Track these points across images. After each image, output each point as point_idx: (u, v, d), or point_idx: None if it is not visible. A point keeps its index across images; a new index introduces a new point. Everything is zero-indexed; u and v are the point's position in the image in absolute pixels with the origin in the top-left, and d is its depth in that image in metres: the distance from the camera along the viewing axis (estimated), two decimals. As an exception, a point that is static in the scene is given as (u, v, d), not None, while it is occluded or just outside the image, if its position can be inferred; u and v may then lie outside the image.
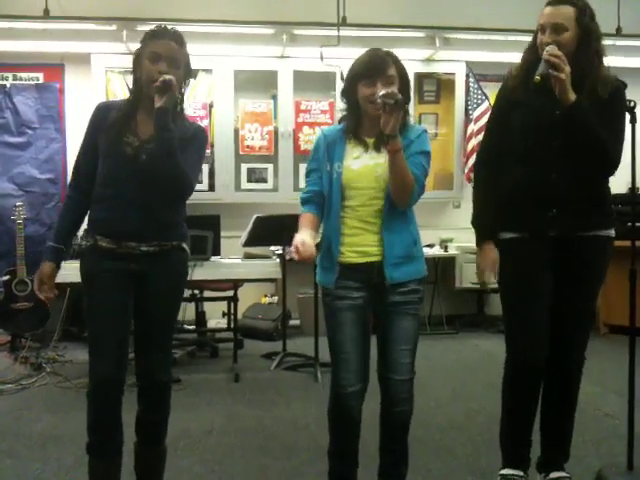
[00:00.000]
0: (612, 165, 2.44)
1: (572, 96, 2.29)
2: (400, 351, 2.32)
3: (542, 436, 2.61)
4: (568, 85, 2.27)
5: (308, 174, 2.43)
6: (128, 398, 2.33)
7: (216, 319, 5.84)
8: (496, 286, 2.60)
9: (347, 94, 2.36)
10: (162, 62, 2.23)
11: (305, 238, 2.20)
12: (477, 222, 2.57)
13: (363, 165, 2.31)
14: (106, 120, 2.28)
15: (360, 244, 2.31)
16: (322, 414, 2.42)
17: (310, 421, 2.55)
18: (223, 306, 5.44)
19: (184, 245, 2.38)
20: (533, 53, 2.46)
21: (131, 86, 2.36)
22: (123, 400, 2.31)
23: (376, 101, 2.19)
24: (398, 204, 2.28)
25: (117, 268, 2.25)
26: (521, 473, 2.53)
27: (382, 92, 2.17)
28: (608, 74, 2.41)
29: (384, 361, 2.35)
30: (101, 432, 2.29)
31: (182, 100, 2.37)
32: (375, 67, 2.27)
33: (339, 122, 2.46)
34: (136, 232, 2.26)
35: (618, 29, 5.69)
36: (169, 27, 2.32)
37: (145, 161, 2.23)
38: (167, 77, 2.18)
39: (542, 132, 2.41)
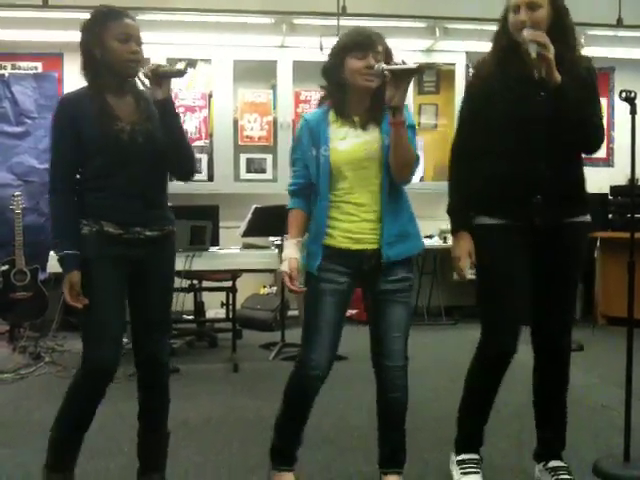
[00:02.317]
0: (599, 141, 2.44)
1: (558, 77, 2.26)
2: (393, 338, 2.34)
3: (538, 426, 2.62)
4: (554, 65, 2.25)
5: (293, 163, 2.40)
6: (124, 389, 2.33)
7: (215, 309, 5.85)
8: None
9: (332, 70, 2.31)
10: (132, 42, 2.22)
11: (292, 266, 2.25)
12: (453, 211, 2.55)
13: (351, 145, 2.28)
14: (82, 113, 2.22)
15: (355, 231, 2.30)
16: (320, 404, 2.43)
17: (311, 411, 2.58)
18: (222, 296, 5.44)
19: (174, 229, 2.42)
20: (504, 38, 2.43)
21: (87, 69, 2.28)
22: (115, 391, 2.33)
23: (369, 70, 2.18)
24: (399, 180, 2.28)
25: (120, 254, 2.26)
26: (477, 456, 2.57)
27: (393, 62, 2.16)
28: (581, 54, 2.45)
29: (378, 349, 2.36)
30: (82, 422, 2.33)
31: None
32: (367, 40, 2.24)
33: (319, 104, 2.42)
34: (142, 217, 2.28)
35: (619, 20, 5.67)
36: (117, 6, 2.32)
37: (142, 144, 2.24)
38: (181, 67, 2.21)
39: (525, 121, 2.39)
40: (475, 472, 2.54)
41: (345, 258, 2.30)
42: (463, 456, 2.58)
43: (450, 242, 2.61)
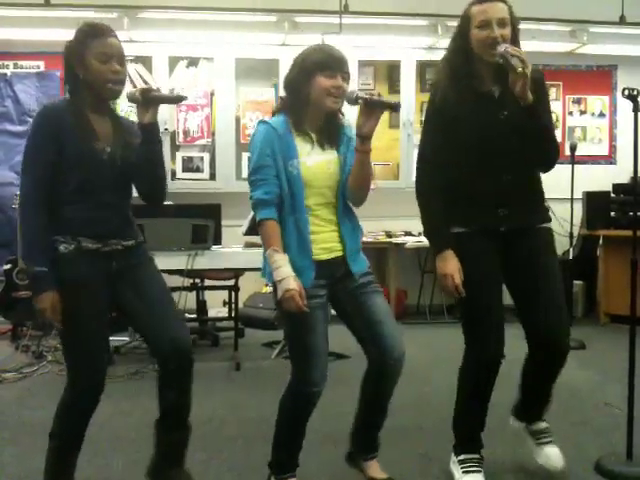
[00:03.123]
0: (557, 156, 2.48)
1: (530, 95, 2.29)
2: (389, 324, 2.36)
3: (522, 395, 2.64)
4: (529, 83, 2.28)
5: (261, 169, 2.25)
6: (125, 388, 2.33)
7: (217, 308, 5.84)
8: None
9: (297, 84, 2.29)
10: (113, 61, 2.20)
11: (299, 284, 2.17)
12: (434, 233, 2.52)
13: (316, 162, 2.30)
14: (63, 127, 2.19)
15: (325, 241, 2.32)
16: (323, 403, 2.42)
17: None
18: (224, 295, 5.44)
19: (143, 240, 2.44)
20: (461, 56, 2.44)
21: (69, 85, 2.31)
22: (116, 390, 2.32)
23: (342, 94, 2.22)
24: (355, 202, 2.36)
25: (101, 270, 2.24)
26: (478, 455, 2.58)
27: (371, 94, 2.18)
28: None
29: (373, 346, 2.34)
30: (70, 437, 2.32)
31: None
32: (338, 60, 2.26)
33: (273, 114, 2.40)
34: (118, 230, 2.29)
35: (622, 18, 5.66)
36: (100, 23, 2.29)
37: (119, 167, 2.27)
38: (158, 90, 2.26)
39: (489, 140, 2.42)
40: (477, 471, 2.54)
41: (322, 270, 2.30)
42: (464, 456, 2.58)
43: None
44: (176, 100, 2.37)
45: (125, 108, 4.97)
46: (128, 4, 5.40)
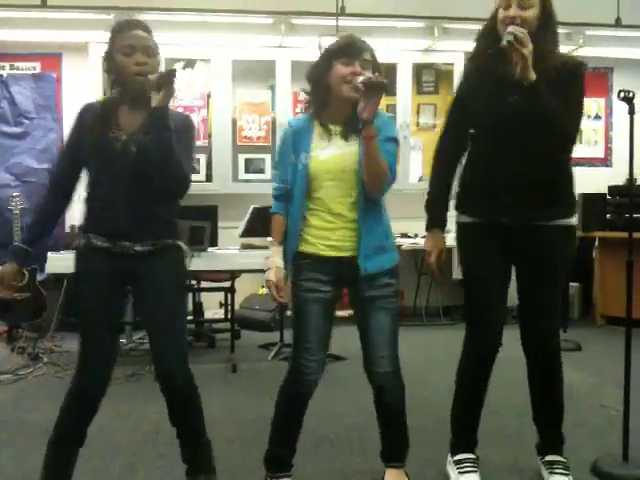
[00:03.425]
0: (569, 139, 2.42)
1: (533, 75, 2.27)
2: (378, 345, 2.35)
3: (534, 422, 2.64)
4: (530, 63, 2.26)
5: (276, 167, 2.44)
6: (124, 389, 2.33)
7: (213, 310, 5.85)
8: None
9: (318, 74, 2.31)
10: (137, 53, 2.20)
11: (279, 276, 2.31)
12: (430, 208, 2.62)
13: (331, 155, 2.28)
14: (85, 120, 2.26)
15: (333, 238, 2.31)
16: (319, 404, 2.43)
17: (309, 411, 2.57)
18: (220, 297, 5.44)
19: (179, 243, 2.33)
20: (490, 37, 2.44)
21: (108, 85, 2.34)
22: (115, 392, 2.31)
23: (354, 81, 2.17)
24: (371, 193, 2.27)
25: (112, 268, 2.22)
26: (474, 456, 2.60)
27: (367, 75, 2.15)
28: (565, 55, 2.45)
29: (365, 355, 2.39)
30: (69, 429, 2.32)
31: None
32: (355, 47, 2.25)
33: (304, 110, 2.43)
34: (129, 232, 2.22)
35: (617, 20, 5.67)
36: (133, 18, 2.30)
37: (135, 154, 2.19)
38: (172, 74, 2.13)
39: (498, 121, 2.41)
40: (472, 471, 2.55)
41: (324, 265, 2.31)
42: (460, 456, 2.59)
43: (448, 242, 2.64)
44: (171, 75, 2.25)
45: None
46: (124, 6, 5.40)
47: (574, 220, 2.53)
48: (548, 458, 2.58)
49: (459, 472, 2.55)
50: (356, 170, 2.27)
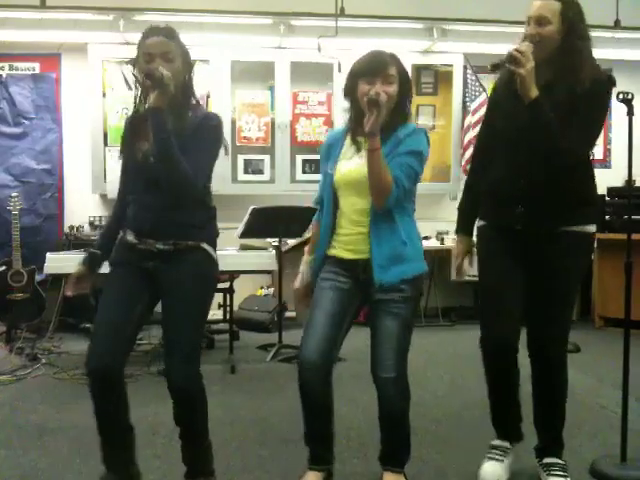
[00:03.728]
0: (568, 155, 2.41)
1: (533, 93, 2.30)
2: (384, 350, 2.34)
3: (534, 425, 2.65)
4: (529, 81, 2.29)
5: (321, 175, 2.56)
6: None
7: (212, 311, 5.82)
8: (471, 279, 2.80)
9: (348, 91, 2.38)
10: (156, 60, 2.24)
11: (302, 281, 2.50)
12: (459, 213, 2.79)
13: (354, 165, 2.35)
14: (125, 132, 2.41)
15: (349, 242, 2.39)
16: (317, 405, 2.43)
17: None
18: (219, 298, 5.43)
19: (203, 246, 2.33)
20: None
21: (138, 93, 2.38)
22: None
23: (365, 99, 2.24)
24: (375, 204, 2.30)
25: (136, 262, 2.32)
26: (507, 444, 2.66)
27: (371, 91, 2.22)
28: (592, 71, 2.40)
29: (372, 359, 2.38)
30: (102, 417, 2.29)
31: (191, 91, 2.44)
32: (376, 65, 2.30)
33: (346, 122, 2.49)
34: (152, 230, 2.29)
35: (616, 22, 5.67)
36: (159, 24, 2.34)
37: (152, 164, 2.24)
38: (159, 72, 2.14)
39: (514, 134, 2.46)
40: (496, 459, 2.62)
41: (342, 265, 2.40)
42: (495, 442, 2.68)
43: (447, 243, 2.73)
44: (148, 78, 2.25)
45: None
46: (124, 6, 5.40)
47: (589, 227, 2.53)
48: (546, 460, 2.59)
49: (487, 457, 2.64)
50: None
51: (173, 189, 2.23)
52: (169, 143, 2.16)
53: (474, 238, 2.72)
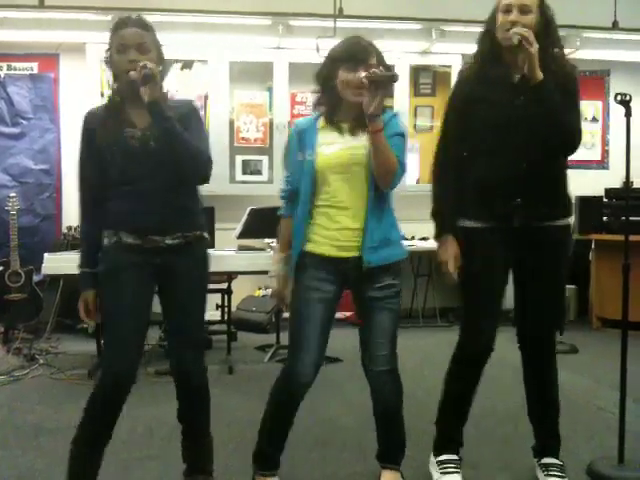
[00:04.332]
0: (577, 137, 2.47)
1: (540, 74, 2.30)
2: (377, 344, 2.36)
3: (531, 423, 2.65)
4: (537, 61, 2.29)
5: (285, 169, 2.49)
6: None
7: (210, 311, 5.83)
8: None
9: (325, 77, 2.32)
10: (130, 50, 2.21)
11: (281, 283, 2.40)
12: (438, 214, 2.57)
13: (337, 149, 2.29)
14: (94, 123, 2.28)
15: (339, 238, 2.31)
16: (316, 406, 2.43)
17: (304, 413, 2.57)
18: (217, 298, 5.42)
19: (205, 234, 2.37)
20: (488, 41, 2.48)
21: (111, 84, 2.34)
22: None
23: (359, 84, 2.17)
24: (383, 186, 2.28)
25: (142, 263, 2.25)
26: (456, 457, 2.60)
27: (371, 70, 2.15)
28: (564, 61, 2.46)
29: (364, 353, 2.39)
30: (100, 425, 2.29)
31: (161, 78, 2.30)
32: (359, 53, 2.26)
33: (313, 108, 2.42)
34: (160, 225, 2.25)
35: (614, 23, 5.68)
36: (132, 15, 2.30)
37: (154, 148, 2.21)
38: (146, 67, 2.12)
39: (504, 126, 2.43)
40: (455, 472, 2.56)
41: (329, 265, 2.32)
42: (443, 457, 2.60)
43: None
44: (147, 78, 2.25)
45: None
46: (122, 6, 5.39)
47: (571, 220, 2.57)
48: (544, 461, 2.59)
49: (441, 472, 2.57)
50: (365, 164, 2.27)
51: (191, 167, 2.23)
52: (176, 127, 2.18)
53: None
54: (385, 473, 2.47)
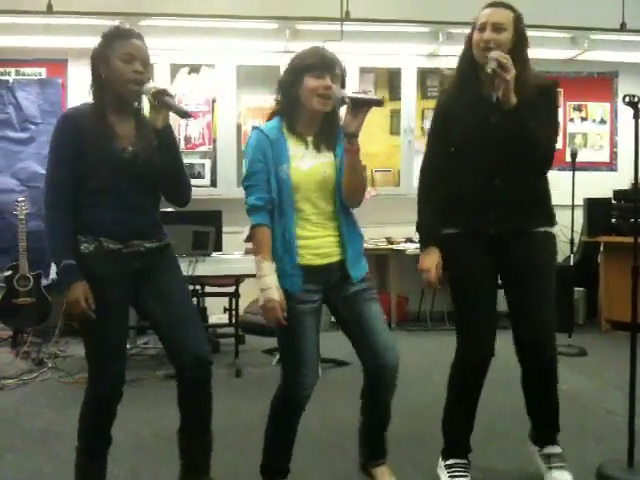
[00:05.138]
0: (548, 161, 2.48)
1: (514, 99, 2.32)
2: (383, 335, 2.36)
3: (528, 414, 2.64)
4: (512, 87, 2.31)
5: (253, 175, 2.27)
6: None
7: (217, 315, 5.84)
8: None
9: (288, 86, 2.31)
10: (136, 62, 2.23)
11: (282, 297, 2.21)
12: (422, 226, 2.62)
13: (311, 166, 2.29)
14: (83, 131, 2.21)
15: (319, 247, 2.31)
16: (323, 409, 2.43)
17: (311, 417, 2.57)
18: (224, 302, 5.44)
19: (172, 242, 2.44)
20: (465, 59, 2.51)
21: (92, 86, 2.29)
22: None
23: (342, 94, 2.19)
24: (351, 203, 2.32)
25: (122, 270, 2.26)
26: (465, 461, 2.60)
27: (358, 91, 2.18)
28: (536, 75, 2.49)
29: (367, 348, 2.35)
30: (94, 437, 2.32)
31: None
32: (327, 61, 2.26)
33: (270, 117, 2.40)
34: (140, 231, 2.29)
35: (623, 25, 5.66)
36: (127, 26, 2.35)
37: (142, 165, 2.25)
38: (168, 93, 2.19)
39: (480, 143, 2.47)
40: (463, 476, 2.56)
41: (315, 275, 2.31)
42: (451, 461, 2.60)
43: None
44: (182, 114, 2.30)
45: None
46: (130, 11, 5.42)
47: (553, 229, 2.58)
48: (546, 450, 2.59)
49: (449, 476, 2.57)
50: (333, 181, 2.30)
51: (178, 194, 2.35)
52: (178, 155, 2.28)
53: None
54: (382, 470, 2.48)
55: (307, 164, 2.28)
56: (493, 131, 2.43)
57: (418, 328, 5.93)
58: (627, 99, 2.60)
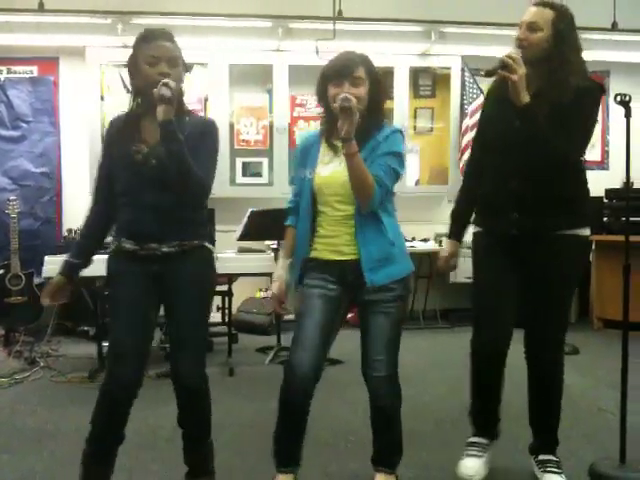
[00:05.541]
0: (563, 159, 2.46)
1: (525, 98, 2.33)
2: (376, 349, 2.35)
3: (530, 424, 2.67)
4: (521, 87, 2.31)
5: (292, 181, 2.53)
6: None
7: (210, 313, 5.83)
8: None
9: (320, 96, 2.37)
10: (161, 64, 2.24)
11: (281, 289, 2.40)
12: (452, 219, 2.80)
13: (333, 171, 2.34)
14: (113, 134, 2.35)
15: (336, 244, 2.35)
16: (318, 408, 2.42)
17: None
18: (217, 300, 5.42)
19: (206, 244, 2.38)
20: None
21: (131, 93, 2.35)
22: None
23: (336, 104, 2.20)
24: (360, 206, 2.30)
25: (139, 270, 2.28)
26: (485, 441, 2.69)
27: (341, 96, 2.17)
28: (582, 81, 2.44)
29: (363, 357, 2.39)
30: (106, 429, 2.31)
31: (182, 94, 2.36)
32: (342, 68, 2.29)
33: (320, 125, 2.47)
34: (155, 234, 2.28)
35: (614, 24, 5.69)
36: (158, 28, 2.34)
37: (155, 166, 2.24)
38: (168, 85, 2.16)
39: (504, 143, 2.50)
40: (475, 455, 2.65)
41: (329, 268, 2.35)
42: (472, 439, 2.71)
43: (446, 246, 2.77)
44: (159, 98, 2.26)
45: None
46: (122, 10, 5.41)
47: (583, 231, 2.55)
48: (541, 457, 2.62)
49: (466, 453, 2.67)
50: None
51: (187, 192, 2.26)
52: (183, 151, 2.19)
53: (468, 243, 2.74)
54: (379, 476, 2.45)
55: (329, 169, 2.35)
56: (514, 134, 2.43)
57: (411, 327, 5.94)
58: (618, 98, 2.61)
